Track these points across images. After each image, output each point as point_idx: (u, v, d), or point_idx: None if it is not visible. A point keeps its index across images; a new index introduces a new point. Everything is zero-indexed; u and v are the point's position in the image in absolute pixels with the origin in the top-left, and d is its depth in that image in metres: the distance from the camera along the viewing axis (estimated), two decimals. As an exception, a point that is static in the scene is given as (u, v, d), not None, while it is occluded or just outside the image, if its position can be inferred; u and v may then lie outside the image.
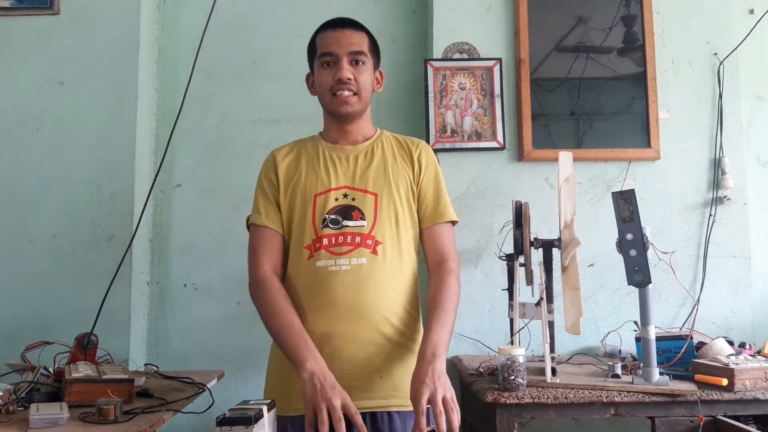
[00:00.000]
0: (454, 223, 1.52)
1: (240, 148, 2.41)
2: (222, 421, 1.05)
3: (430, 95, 2.29)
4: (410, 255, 1.47)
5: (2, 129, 2.24)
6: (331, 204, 1.43)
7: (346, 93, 1.43)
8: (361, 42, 1.46)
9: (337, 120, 1.49)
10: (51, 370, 1.65)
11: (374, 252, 1.40)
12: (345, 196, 1.44)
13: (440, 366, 1.27)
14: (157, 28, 2.44)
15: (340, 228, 1.41)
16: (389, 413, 1.38)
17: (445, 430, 1.18)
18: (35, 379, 1.52)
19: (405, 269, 1.44)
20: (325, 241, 1.40)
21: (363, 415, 1.36)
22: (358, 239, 1.40)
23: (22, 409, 1.40)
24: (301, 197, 1.45)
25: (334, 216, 1.42)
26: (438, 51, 2.32)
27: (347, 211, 1.42)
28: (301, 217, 1.44)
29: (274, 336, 1.38)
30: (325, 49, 1.44)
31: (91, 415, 1.32)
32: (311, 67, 1.52)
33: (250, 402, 1.15)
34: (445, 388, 1.23)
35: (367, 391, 1.37)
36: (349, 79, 1.42)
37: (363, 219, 1.41)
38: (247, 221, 1.53)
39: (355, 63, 1.44)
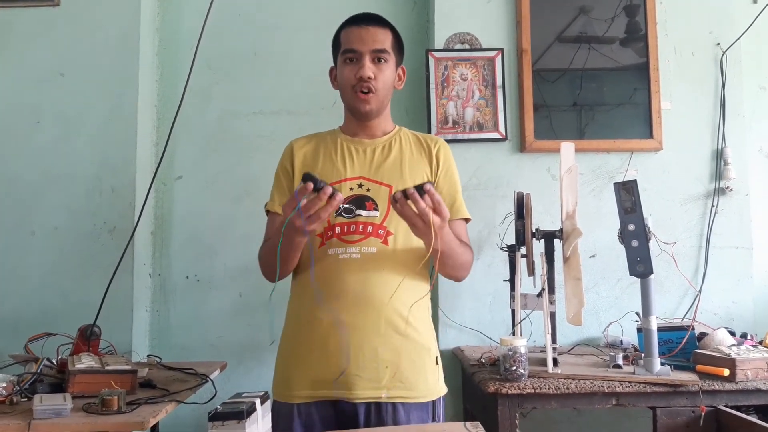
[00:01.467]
0: (467, 221, 1.55)
1: (241, 140, 2.40)
2: (214, 416, 1.05)
3: (432, 86, 2.29)
4: (422, 249, 1.47)
5: (3, 121, 2.24)
6: (346, 193, 1.44)
7: (366, 91, 1.45)
8: (384, 40, 1.46)
9: (357, 116, 1.51)
10: (54, 361, 1.66)
11: (385, 242, 1.41)
12: (360, 186, 1.46)
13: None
14: (158, 20, 2.43)
15: (353, 217, 1.43)
16: (393, 404, 1.38)
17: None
18: (38, 371, 1.52)
19: (417, 262, 1.44)
20: (337, 229, 1.42)
21: (368, 405, 1.37)
22: (369, 228, 1.41)
23: (25, 400, 1.42)
24: None
25: (347, 205, 1.43)
26: (439, 41, 2.31)
27: (361, 201, 1.44)
28: None
29: (268, 256, 1.45)
30: (349, 46, 1.45)
31: (95, 406, 1.33)
32: (335, 60, 1.53)
33: (244, 395, 1.15)
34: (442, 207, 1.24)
35: (372, 381, 1.37)
36: (370, 77, 1.44)
37: (376, 210, 1.43)
38: (266, 207, 1.58)
39: (377, 60, 1.45)
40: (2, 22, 2.27)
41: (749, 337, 1.93)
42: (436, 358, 1.47)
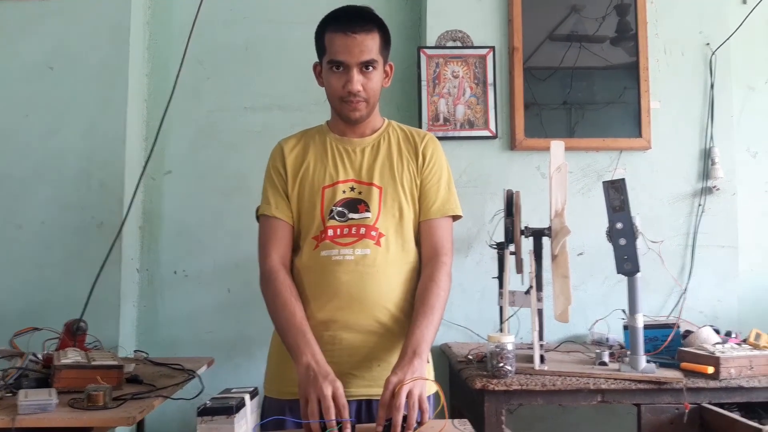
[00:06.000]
0: (456, 217, 1.51)
1: (231, 135, 2.40)
2: (203, 411, 1.04)
3: (423, 83, 2.29)
4: (414, 248, 1.47)
5: (-9, 114, 2.22)
6: (339, 196, 1.44)
7: (355, 102, 1.42)
8: (372, 47, 1.41)
9: (346, 122, 1.49)
10: (40, 356, 1.65)
11: (378, 243, 1.41)
12: (352, 189, 1.45)
13: (418, 364, 1.27)
14: (148, 14, 2.42)
15: (346, 220, 1.42)
16: None
17: (399, 423, 1.17)
18: (24, 365, 1.52)
19: (408, 261, 1.45)
20: (330, 231, 1.41)
21: (359, 402, 1.38)
22: (362, 230, 1.41)
23: (10, 395, 1.40)
24: (310, 189, 1.46)
25: (340, 208, 1.43)
26: (431, 39, 2.31)
27: (353, 204, 1.43)
28: (309, 209, 1.45)
29: (277, 328, 1.40)
30: (335, 57, 1.40)
31: (80, 401, 1.33)
32: (320, 58, 1.48)
33: (233, 390, 1.15)
34: (414, 385, 1.23)
35: (365, 379, 1.38)
36: (359, 91, 1.41)
37: (368, 211, 1.43)
38: (257, 212, 1.52)
39: (365, 68, 1.41)
40: (-9, 14, 2.25)
41: (734, 336, 1.94)
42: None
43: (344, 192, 1.44)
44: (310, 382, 1.22)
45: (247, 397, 1.12)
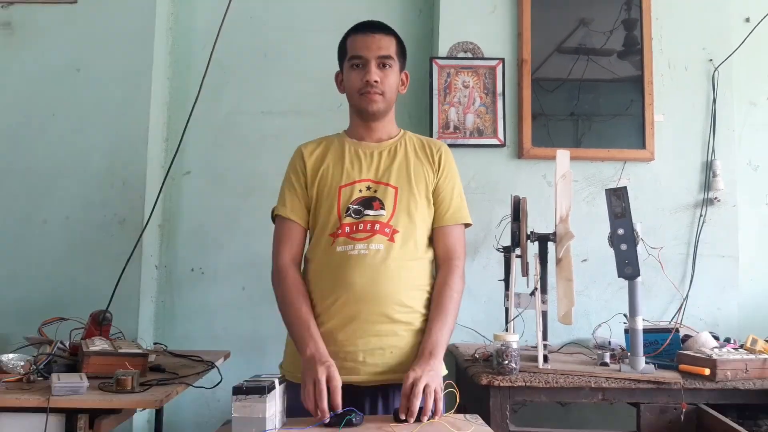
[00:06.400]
0: (467, 225, 1.60)
1: (249, 138, 2.48)
2: (238, 390, 1.13)
3: (435, 92, 2.37)
4: (426, 245, 1.55)
5: (20, 113, 2.32)
6: (356, 195, 1.52)
7: (372, 93, 1.53)
8: (389, 46, 1.54)
9: (363, 118, 1.58)
10: (66, 344, 1.73)
11: (391, 239, 1.49)
12: (368, 188, 1.53)
13: (435, 364, 1.37)
14: (171, 20, 2.51)
15: (361, 217, 1.50)
16: (401, 387, 1.45)
17: (415, 413, 1.27)
18: (53, 352, 1.59)
19: (421, 258, 1.53)
20: (346, 228, 1.50)
21: (374, 388, 1.46)
22: (377, 226, 1.49)
23: (41, 379, 1.49)
24: (328, 189, 1.54)
25: (356, 206, 1.51)
26: (443, 49, 2.39)
27: (369, 202, 1.52)
28: (327, 207, 1.53)
29: (285, 321, 1.50)
30: (355, 53, 1.53)
31: (109, 385, 1.40)
32: (341, 66, 1.60)
33: (263, 376, 1.24)
34: (431, 379, 1.33)
35: (378, 366, 1.45)
36: (376, 81, 1.52)
37: (383, 209, 1.51)
38: (272, 212, 1.61)
39: (382, 66, 1.53)
40: (22, 19, 2.35)
41: (732, 341, 2.01)
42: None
43: (360, 191, 1.52)
44: (308, 371, 1.33)
45: (276, 381, 1.21)
